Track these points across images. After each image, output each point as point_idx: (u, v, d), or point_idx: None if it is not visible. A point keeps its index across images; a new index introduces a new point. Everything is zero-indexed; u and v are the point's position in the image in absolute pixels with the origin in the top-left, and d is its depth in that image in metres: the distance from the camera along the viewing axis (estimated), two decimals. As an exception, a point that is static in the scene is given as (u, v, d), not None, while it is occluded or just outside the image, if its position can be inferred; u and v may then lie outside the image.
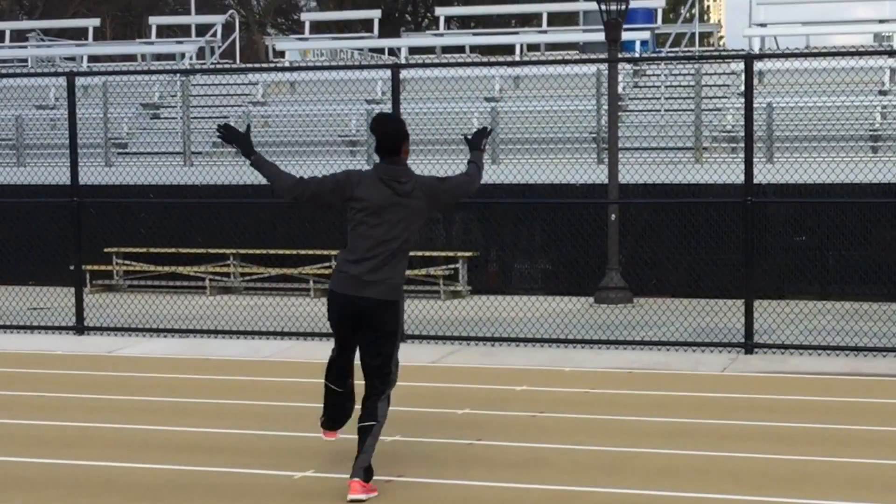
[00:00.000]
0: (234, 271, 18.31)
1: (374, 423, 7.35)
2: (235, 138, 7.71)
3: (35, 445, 8.55)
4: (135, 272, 18.78)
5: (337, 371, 7.62)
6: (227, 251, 18.23)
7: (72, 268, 14.59)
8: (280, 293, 17.78)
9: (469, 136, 8.14)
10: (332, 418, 7.73)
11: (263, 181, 16.36)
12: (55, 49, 25.98)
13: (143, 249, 18.64)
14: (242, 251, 18.18)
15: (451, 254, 17.70)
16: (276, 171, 7.68)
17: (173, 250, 18.39)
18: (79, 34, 28.17)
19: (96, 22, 27.46)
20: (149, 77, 21.67)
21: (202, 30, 26.82)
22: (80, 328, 14.06)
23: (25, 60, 25.30)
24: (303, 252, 17.81)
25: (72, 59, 25.24)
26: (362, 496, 7.22)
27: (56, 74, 19.57)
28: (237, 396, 10.38)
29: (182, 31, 32.35)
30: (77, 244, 14.37)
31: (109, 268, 18.73)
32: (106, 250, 18.53)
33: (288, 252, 17.88)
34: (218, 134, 7.74)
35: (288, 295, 17.47)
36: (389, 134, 7.52)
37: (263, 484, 7.49)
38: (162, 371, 11.76)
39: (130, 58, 26.39)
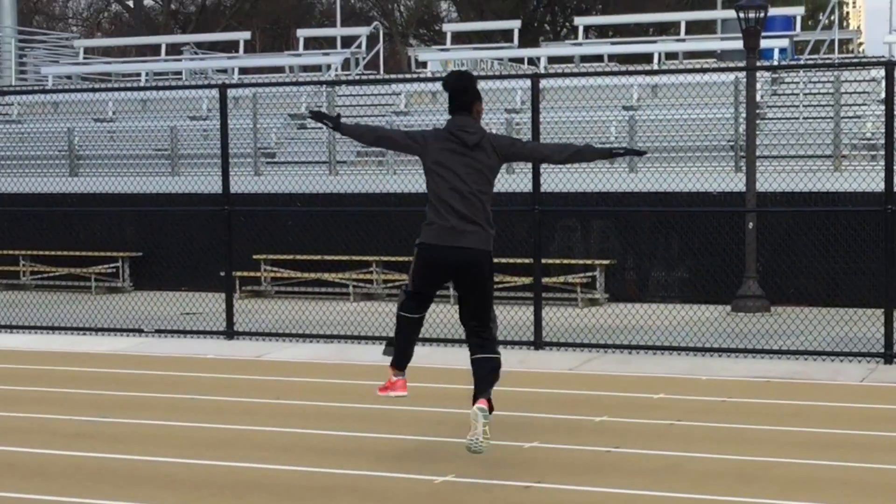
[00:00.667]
0: (376, 278, 18.47)
1: (497, 355, 7.86)
2: (323, 118, 8.09)
3: (187, 446, 8.73)
4: (282, 278, 19.05)
5: (416, 304, 7.97)
6: (370, 258, 18.40)
7: (222, 274, 14.83)
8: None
9: (622, 148, 8.29)
10: (402, 353, 8.01)
11: (406, 189, 16.61)
12: (208, 62, 26.49)
13: (290, 256, 18.90)
14: (385, 258, 18.33)
15: (588, 262, 17.63)
16: (361, 128, 8.17)
17: (319, 257, 18.61)
18: (230, 47, 28.73)
19: (247, 35, 27.95)
20: (296, 88, 21.98)
21: (348, 41, 27.15)
22: (229, 333, 14.30)
23: (180, 73, 25.86)
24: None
25: (223, 71, 25.72)
26: (485, 408, 7.66)
27: (209, 87, 19.96)
28: (380, 401, 10.47)
29: (328, 43, 32.79)
30: (228, 251, 14.61)
31: (258, 274, 19.03)
32: (254, 257, 18.83)
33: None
34: (309, 115, 8.16)
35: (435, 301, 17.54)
36: (459, 89, 7.75)
37: (405, 488, 7.56)
38: (307, 375, 11.92)
39: (279, 69, 26.79)
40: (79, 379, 11.87)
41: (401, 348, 8.03)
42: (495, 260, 7.92)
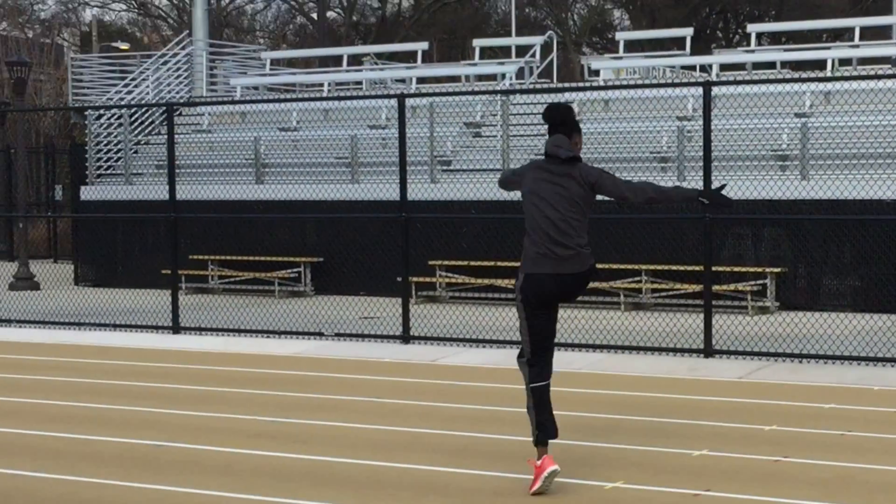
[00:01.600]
0: (548, 283, 18.43)
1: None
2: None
3: (364, 448, 8.85)
4: (456, 284, 19.19)
5: (540, 366, 7.97)
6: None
7: (399, 279, 14.99)
8: (589, 307, 17.81)
9: (713, 200, 8.31)
10: (552, 425, 7.77)
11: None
12: (387, 72, 26.78)
13: (465, 262, 19.02)
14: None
15: (759, 269, 17.35)
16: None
17: (492, 263, 18.69)
18: (409, 57, 29.00)
19: (425, 45, 28.18)
20: (471, 97, 22.10)
21: (522, 51, 27.19)
22: (405, 337, 14.45)
23: (360, 83, 26.21)
24: (614, 266, 17.82)
25: (402, 80, 25.98)
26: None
27: (387, 97, 20.18)
28: (555, 407, 10.48)
29: (503, 53, 32.89)
30: (404, 257, 14.77)
31: (433, 280, 19.19)
32: (430, 263, 19.00)
33: (601, 266, 17.88)
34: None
35: (598, 308, 17.48)
36: (557, 121, 7.79)
37: (574, 493, 7.54)
38: (481, 380, 11.98)
39: (455, 79, 26.96)
40: (262, 380, 12.14)
41: (549, 421, 7.79)
42: (664, 266, 7.84)
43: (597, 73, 25.06)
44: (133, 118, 24.47)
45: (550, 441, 7.71)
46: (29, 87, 34.84)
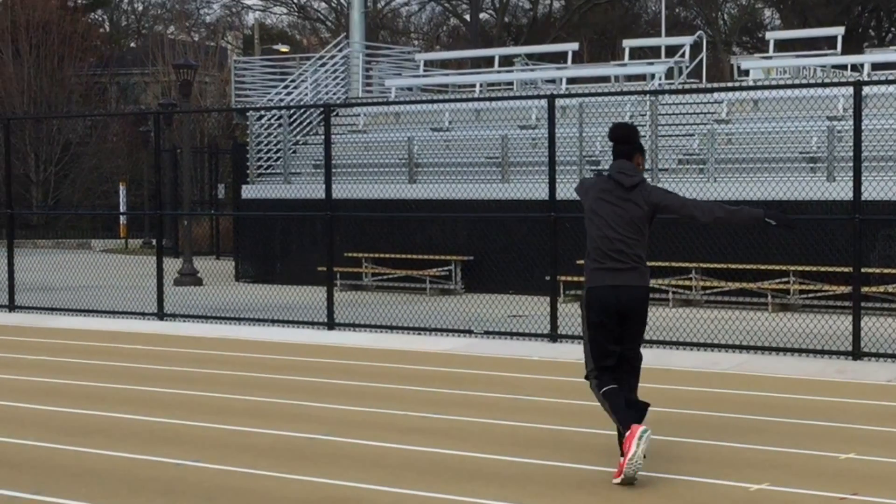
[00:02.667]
0: (695, 284, 18.29)
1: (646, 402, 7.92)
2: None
3: (511, 444, 8.86)
4: (604, 283, 19.08)
5: (607, 375, 7.93)
6: (690, 265, 18.23)
7: (547, 278, 14.99)
8: (739, 307, 17.62)
9: (774, 218, 8.32)
10: (626, 414, 7.78)
11: (725, 196, 16.35)
12: (537, 73, 26.78)
13: (612, 261, 18.90)
14: (704, 265, 18.12)
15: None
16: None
17: (642, 263, 18.56)
18: (559, 58, 28.93)
19: (575, 46, 28.08)
20: (620, 98, 21.97)
21: (672, 51, 26.92)
22: (553, 336, 14.46)
23: (511, 84, 26.25)
24: (762, 267, 17.58)
25: (552, 81, 25.95)
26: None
27: (538, 97, 20.18)
28: (695, 406, 10.41)
29: (653, 53, 32.61)
30: (553, 256, 14.76)
31: (581, 279, 19.11)
32: (578, 262, 18.89)
33: (748, 267, 17.69)
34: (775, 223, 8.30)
35: (746, 308, 17.28)
36: (621, 139, 7.96)
37: (721, 494, 7.47)
38: (627, 379, 11.90)
39: (605, 79, 26.83)
40: (413, 376, 12.26)
41: (624, 413, 7.83)
42: (813, 267, 7.74)
43: (746, 72, 24.70)
44: (292, 119, 24.90)
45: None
46: (194, 89, 35.73)
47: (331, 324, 15.95)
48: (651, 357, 13.15)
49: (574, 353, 13.55)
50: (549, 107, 14.73)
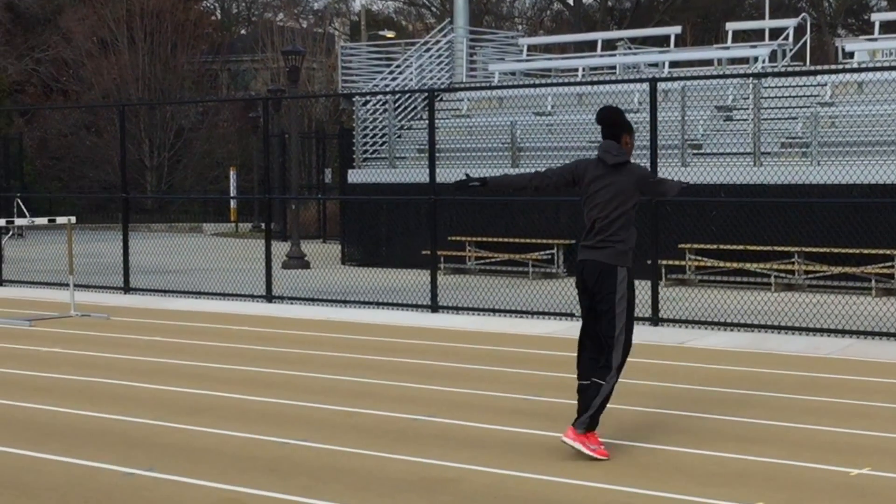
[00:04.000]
0: (798, 269, 18.06)
1: (604, 383, 7.96)
2: (464, 187, 8.47)
3: (613, 427, 8.85)
4: (705, 267, 18.95)
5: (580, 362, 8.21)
6: (793, 249, 18.01)
7: (648, 262, 14.91)
8: (842, 291, 17.36)
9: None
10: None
11: (830, 181, 16.12)
12: (640, 56, 26.59)
13: (714, 246, 18.76)
14: (807, 249, 17.88)
15: None
16: (512, 178, 8.58)
17: (741, 247, 18.39)
18: (662, 41, 28.74)
19: (677, 29, 27.82)
20: (723, 81, 21.73)
21: (775, 33, 26.53)
22: (654, 320, 14.38)
23: (614, 68, 26.09)
24: (865, 251, 17.29)
25: (654, 65, 25.75)
26: (571, 441, 7.91)
27: (639, 80, 20.02)
28: (794, 391, 10.31)
29: (756, 36, 32.16)
30: (653, 240, 14.69)
31: (683, 263, 19.01)
32: (680, 246, 18.82)
33: (852, 251, 17.43)
34: (454, 188, 8.48)
35: (850, 293, 17.02)
36: (608, 123, 8.17)
37: (819, 478, 7.40)
38: (728, 363, 11.83)
39: (707, 62, 26.54)
40: (514, 359, 12.30)
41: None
42: None
43: (851, 55, 24.26)
44: (397, 104, 25.02)
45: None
46: (302, 75, 36.02)
47: (434, 306, 16.04)
48: (754, 341, 13.08)
49: (677, 336, 13.50)
50: (651, 90, 14.64)
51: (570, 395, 10.14)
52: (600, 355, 8.09)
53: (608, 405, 8.13)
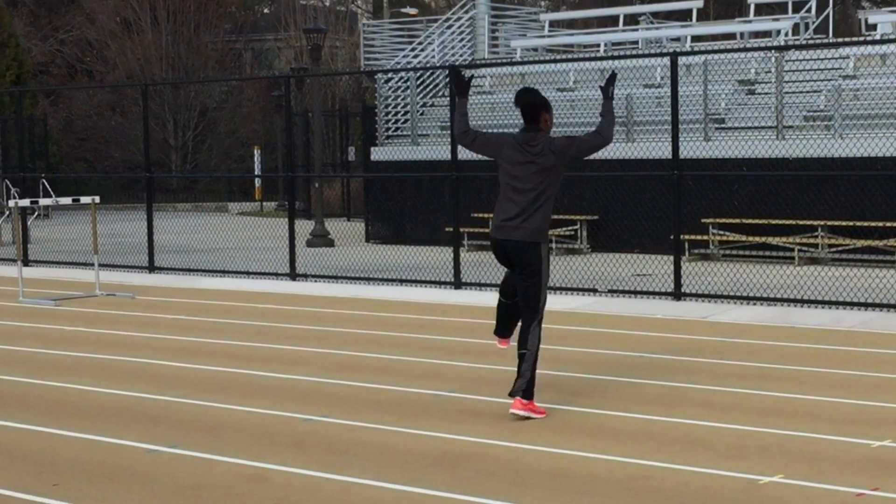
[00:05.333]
0: (821, 242, 17.99)
1: (525, 351, 8.45)
2: (457, 78, 9.11)
3: (633, 402, 8.87)
4: (728, 242, 18.90)
5: (506, 288, 8.79)
6: (816, 223, 17.93)
7: (671, 237, 14.88)
8: (866, 265, 17.29)
9: (601, 85, 8.88)
10: (500, 325, 8.98)
11: (853, 154, 16.00)
12: (662, 31, 26.46)
13: (737, 220, 18.70)
14: (830, 223, 17.81)
15: None
16: (463, 114, 8.99)
17: (764, 221, 18.33)
18: (684, 16, 28.56)
19: (699, 3, 27.64)
20: (745, 54, 21.61)
21: (798, 6, 26.36)
22: (677, 294, 14.35)
23: (636, 42, 25.99)
24: (889, 224, 17.21)
25: (676, 39, 25.63)
26: (522, 412, 8.35)
27: (661, 55, 19.91)
28: (826, 364, 10.30)
29: (779, 9, 31.96)
30: (676, 215, 14.65)
31: (705, 237, 18.96)
32: (703, 221, 18.76)
33: (875, 224, 17.34)
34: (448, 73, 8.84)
35: (874, 266, 16.95)
36: (528, 104, 8.54)
37: (840, 451, 7.40)
38: (751, 337, 11.82)
39: (730, 36, 26.40)
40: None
41: (498, 321, 9.03)
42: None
43: (874, 27, 24.07)
44: (419, 81, 24.99)
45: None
46: (325, 54, 36.04)
47: (458, 283, 16.06)
48: (776, 315, 13.06)
49: (699, 311, 13.48)
50: (672, 65, 14.57)
51: (593, 370, 10.18)
52: (525, 322, 8.60)
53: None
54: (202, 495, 6.75)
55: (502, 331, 9.05)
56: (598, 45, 26.35)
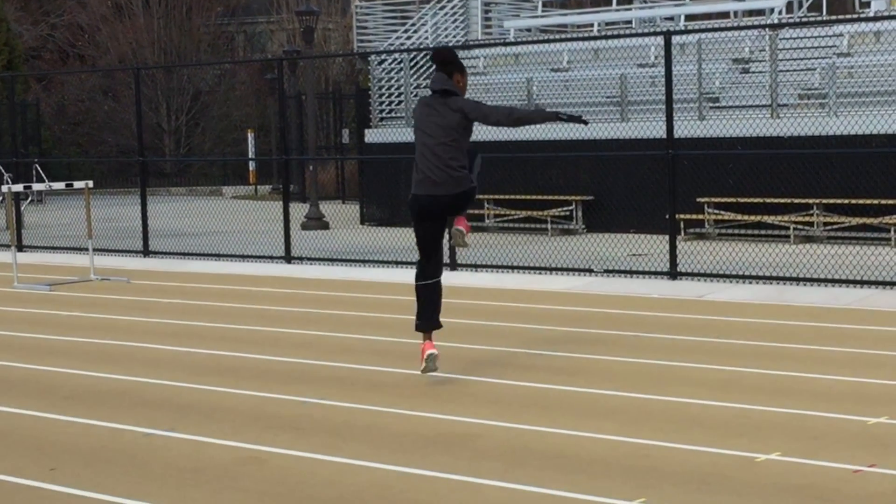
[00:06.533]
0: (817, 220, 18.00)
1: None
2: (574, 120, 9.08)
3: (629, 381, 8.86)
4: (724, 221, 18.90)
5: (424, 270, 9.06)
6: (811, 201, 17.94)
7: (667, 217, 14.88)
8: (861, 242, 17.30)
9: (565, 116, 8.97)
10: (424, 316, 9.05)
11: (848, 131, 15.99)
12: (656, 10, 26.41)
13: (732, 199, 18.71)
14: (826, 201, 17.81)
15: None
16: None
17: (760, 200, 18.33)
18: (678, -5, 28.45)
19: (693, -17, 27.59)
20: (739, 33, 21.58)
21: (792, -16, 26.30)
22: (673, 273, 14.37)
23: (630, 22, 25.95)
24: (884, 202, 17.22)
25: (670, 18, 25.59)
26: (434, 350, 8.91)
27: (654, 34, 19.91)
28: (818, 341, 10.31)
29: (773, -13, 31.89)
30: (671, 194, 14.65)
31: (701, 217, 18.97)
32: (698, 200, 18.77)
33: (870, 202, 17.35)
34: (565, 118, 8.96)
35: (869, 244, 16.97)
36: (442, 60, 8.88)
37: (837, 428, 7.41)
38: (748, 316, 11.83)
39: (723, 15, 26.36)
40: (533, 315, 12.31)
41: (426, 315, 9.02)
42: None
43: (868, 4, 24.06)
44: (413, 63, 24.94)
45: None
46: (318, 36, 35.94)
47: (453, 264, 16.05)
48: (772, 293, 13.07)
49: (695, 290, 13.50)
50: (666, 44, 14.55)
51: (589, 350, 10.19)
52: (438, 266, 9.11)
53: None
54: (199, 478, 6.75)
55: (428, 323, 9.05)
56: (592, 25, 26.30)
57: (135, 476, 6.82)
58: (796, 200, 18.03)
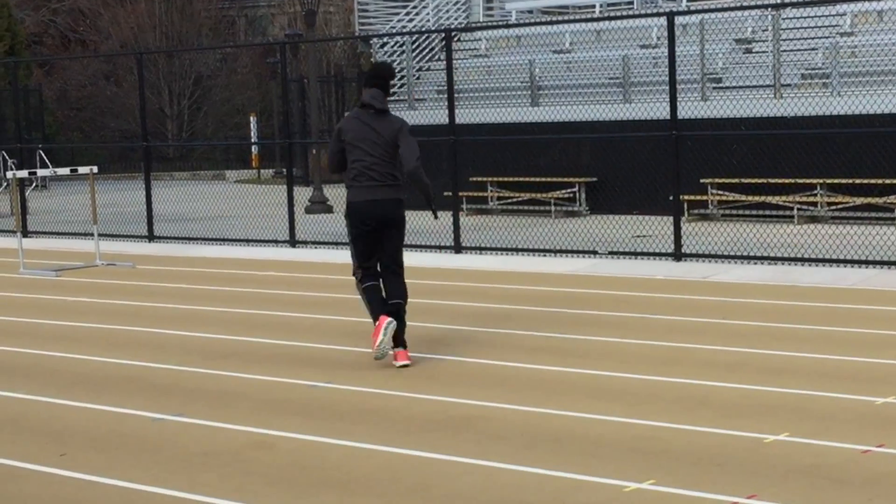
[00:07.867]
0: (821, 200, 17.97)
1: (400, 301, 9.12)
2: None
3: (636, 362, 8.85)
4: (728, 202, 18.87)
5: (369, 273, 9.20)
6: (815, 181, 17.91)
7: (671, 198, 14.86)
8: (866, 222, 17.28)
9: (433, 205, 9.44)
10: (379, 308, 9.07)
11: (852, 111, 15.96)
12: (657, -9, 26.34)
13: (736, 180, 18.67)
14: (829, 181, 17.78)
15: None
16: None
17: (764, 180, 18.29)
18: (679, -24, 28.35)
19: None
20: (742, 13, 21.51)
21: (794, -36, 26.19)
22: (677, 255, 14.35)
23: (631, 3, 25.87)
24: (888, 181, 17.19)
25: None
26: (408, 361, 9.01)
27: (657, 15, 19.86)
28: (823, 322, 10.30)
29: (774, -33, 31.80)
30: (675, 176, 14.63)
31: (705, 198, 18.94)
32: (702, 181, 18.74)
33: (874, 181, 17.32)
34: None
35: (874, 224, 16.94)
36: (381, 76, 9.29)
37: (844, 409, 7.40)
38: (753, 297, 11.83)
39: (726, -5, 26.25)
40: (538, 297, 12.30)
41: (378, 307, 9.09)
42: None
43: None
44: (414, 45, 24.89)
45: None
46: (319, 19, 35.81)
47: (458, 247, 16.05)
48: (777, 273, 13.06)
49: (700, 271, 13.48)
50: (669, 24, 14.52)
51: (595, 332, 10.19)
52: (396, 278, 9.20)
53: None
54: (209, 462, 6.76)
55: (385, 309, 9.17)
56: (594, 6, 26.23)
57: (145, 461, 6.83)
58: (800, 181, 17.99)
